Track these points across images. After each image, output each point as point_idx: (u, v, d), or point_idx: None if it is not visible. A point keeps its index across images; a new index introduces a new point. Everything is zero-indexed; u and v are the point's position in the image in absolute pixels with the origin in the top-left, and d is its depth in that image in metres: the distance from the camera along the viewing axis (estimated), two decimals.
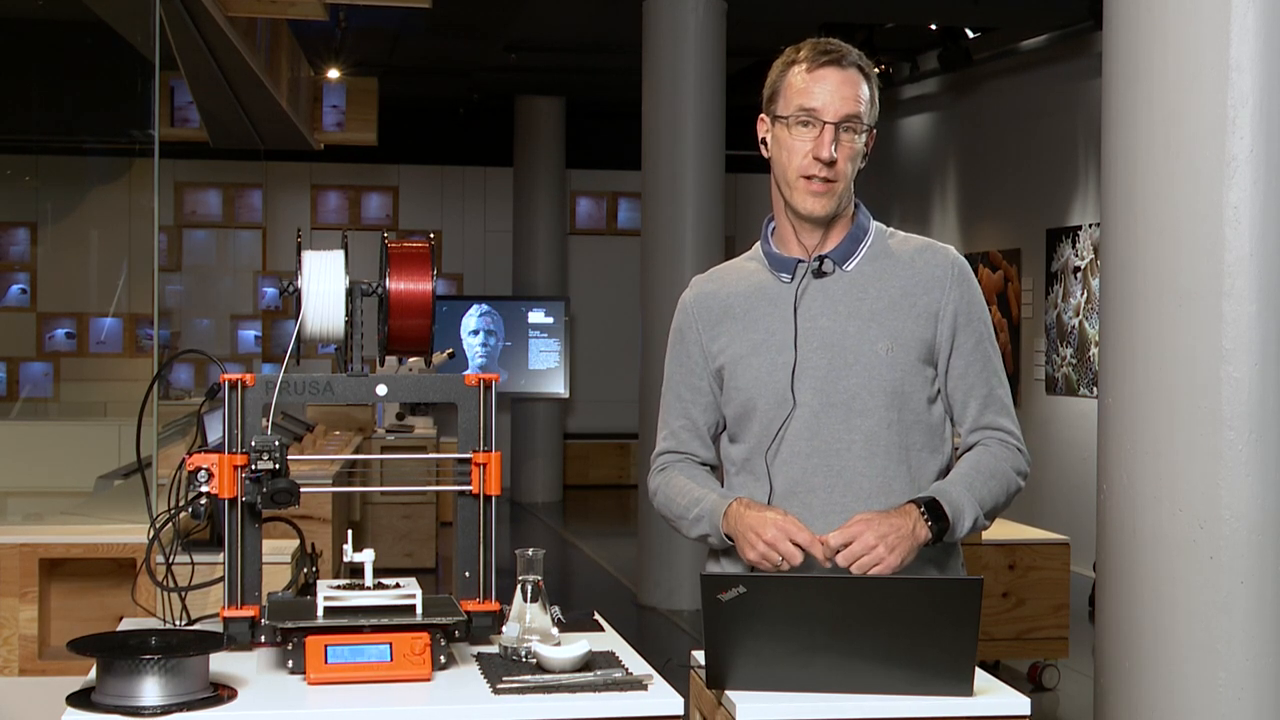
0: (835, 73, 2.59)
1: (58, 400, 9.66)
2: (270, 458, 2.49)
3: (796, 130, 2.59)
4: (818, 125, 2.58)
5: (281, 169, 13.21)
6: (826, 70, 2.59)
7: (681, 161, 8.45)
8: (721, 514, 2.58)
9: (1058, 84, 10.07)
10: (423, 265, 2.65)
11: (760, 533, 2.48)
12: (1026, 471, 2.67)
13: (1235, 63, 3.73)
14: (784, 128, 2.61)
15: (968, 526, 2.56)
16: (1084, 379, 9.53)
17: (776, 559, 2.46)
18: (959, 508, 2.54)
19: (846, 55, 2.61)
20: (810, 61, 2.60)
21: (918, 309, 2.62)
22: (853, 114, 2.59)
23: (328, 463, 6.79)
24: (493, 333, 13.40)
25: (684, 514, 2.66)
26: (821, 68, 2.59)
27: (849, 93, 2.59)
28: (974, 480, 2.59)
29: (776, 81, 2.64)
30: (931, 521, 2.51)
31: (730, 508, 2.57)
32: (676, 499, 2.69)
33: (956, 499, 2.55)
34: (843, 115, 2.58)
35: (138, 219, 7.94)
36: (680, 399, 2.75)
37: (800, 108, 2.59)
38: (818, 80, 2.59)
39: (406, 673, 2.37)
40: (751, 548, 2.49)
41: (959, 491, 2.56)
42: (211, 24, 6.64)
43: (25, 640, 3.85)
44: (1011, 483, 2.64)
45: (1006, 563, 6.31)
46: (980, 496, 2.58)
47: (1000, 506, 2.64)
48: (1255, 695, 3.75)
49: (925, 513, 2.51)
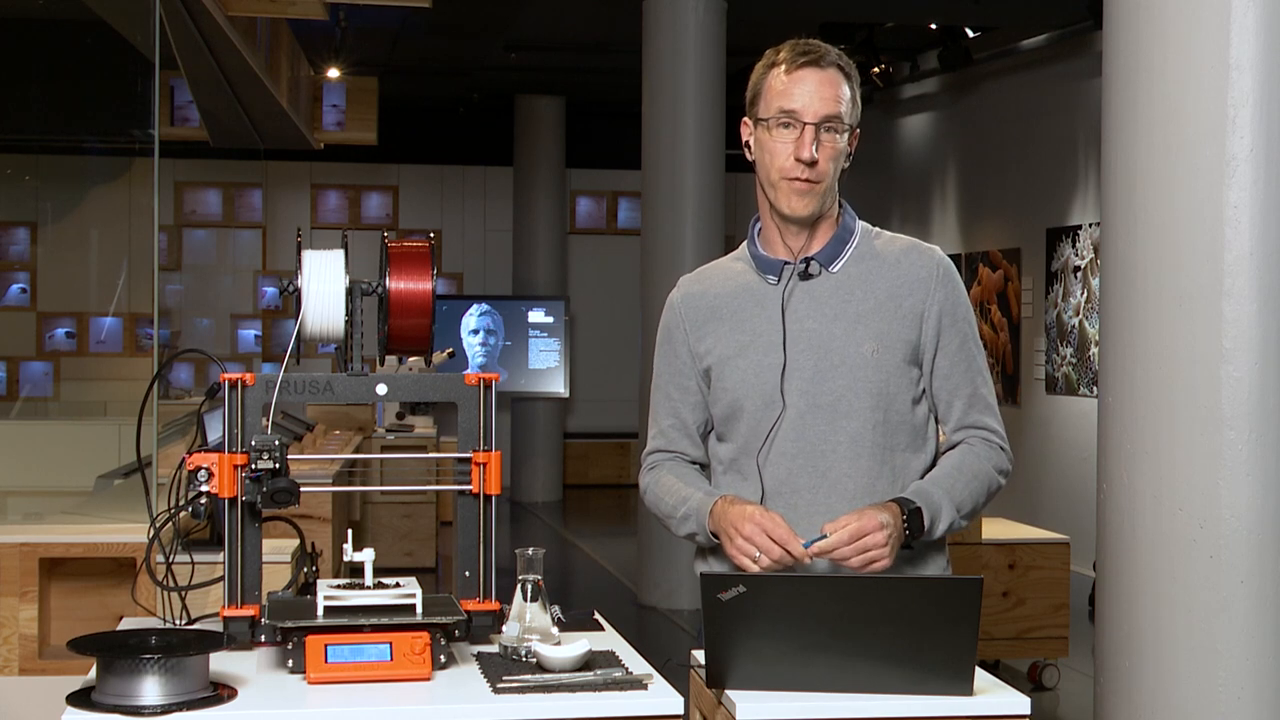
0: (814, 73, 2.60)
1: (58, 399, 9.66)
2: (270, 457, 2.49)
3: (777, 132, 2.61)
4: (798, 126, 2.59)
5: (281, 168, 13.21)
6: (805, 71, 2.60)
7: (681, 161, 8.45)
8: (708, 512, 2.60)
9: (1058, 83, 10.07)
10: (423, 265, 2.65)
11: (739, 528, 2.50)
12: (1008, 469, 2.70)
13: (1235, 62, 3.73)
14: (765, 130, 2.63)
15: (942, 529, 2.59)
16: (1084, 378, 9.53)
17: (754, 552, 2.47)
18: (936, 512, 2.58)
19: (825, 55, 2.63)
20: (789, 63, 2.62)
21: (903, 310, 2.64)
22: (833, 114, 2.60)
23: (328, 462, 6.79)
24: (493, 332, 13.40)
25: (672, 513, 2.68)
26: (800, 69, 2.60)
27: (828, 93, 2.60)
28: (955, 482, 2.62)
29: (757, 84, 2.66)
30: (909, 524, 2.53)
31: (715, 505, 2.59)
32: (665, 498, 2.71)
33: (935, 503, 2.58)
34: (822, 116, 2.59)
35: (138, 218, 7.95)
36: (669, 398, 2.76)
37: (780, 109, 2.60)
38: (797, 82, 2.60)
39: (406, 672, 2.37)
40: (730, 542, 2.51)
41: (939, 494, 2.59)
42: (211, 23, 6.64)
43: (25, 639, 3.85)
44: (992, 482, 2.67)
45: (1006, 562, 6.32)
46: (959, 500, 2.61)
47: (980, 507, 2.68)
48: (1255, 694, 3.75)
49: (905, 517, 2.53)
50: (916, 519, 2.54)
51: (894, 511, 2.52)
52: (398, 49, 11.00)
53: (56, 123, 8.24)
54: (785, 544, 2.46)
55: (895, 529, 2.49)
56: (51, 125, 8.25)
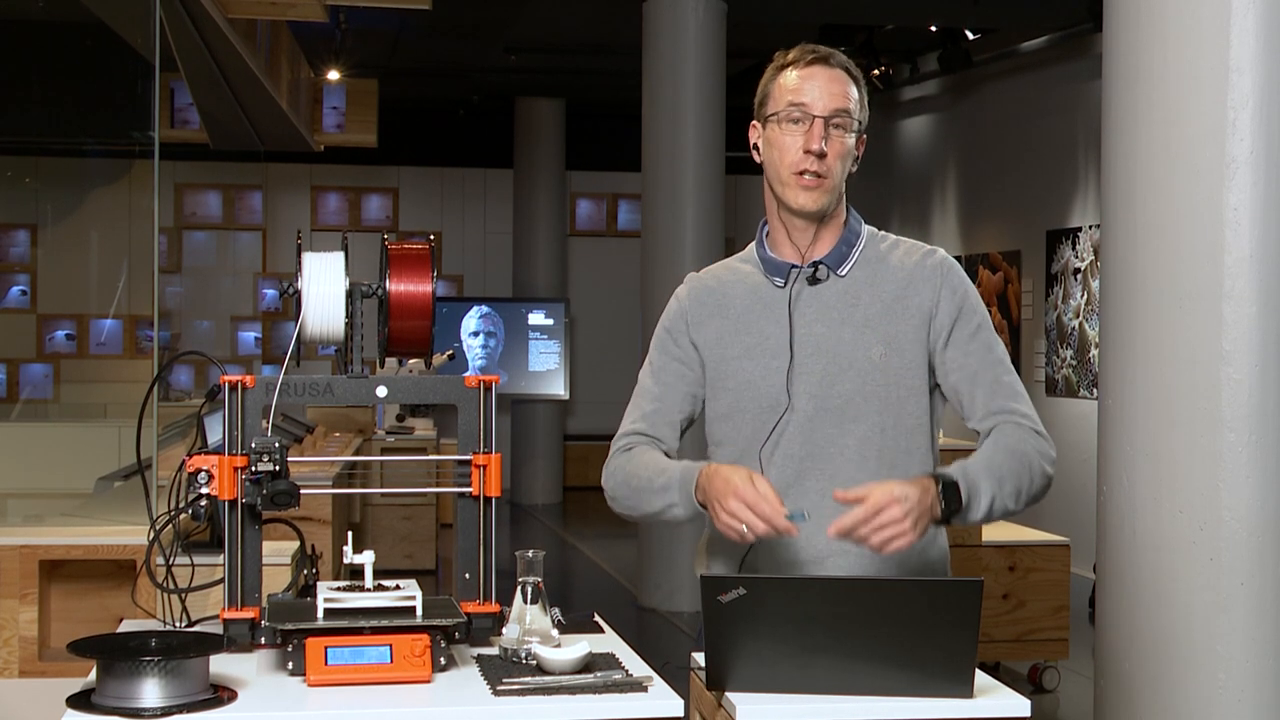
0: (824, 71, 2.64)
1: (58, 401, 9.66)
2: (270, 459, 2.49)
3: (787, 126, 2.63)
4: (808, 120, 2.61)
5: (281, 170, 13.21)
6: (815, 69, 2.64)
7: (681, 163, 8.46)
8: (694, 481, 2.52)
9: (1058, 85, 10.07)
10: (423, 267, 2.65)
11: (723, 503, 2.43)
12: (1052, 456, 2.59)
13: (1235, 64, 3.73)
14: (775, 125, 2.64)
15: (984, 506, 2.49)
16: (1084, 380, 9.53)
17: (741, 528, 2.41)
18: (974, 486, 2.48)
19: (834, 56, 2.67)
20: (799, 62, 2.66)
21: (910, 310, 2.64)
22: (842, 109, 2.62)
23: (328, 464, 6.78)
24: (493, 334, 13.40)
25: (647, 484, 2.60)
26: (810, 66, 2.64)
27: (837, 89, 2.63)
28: (992, 459, 2.53)
29: (767, 85, 2.69)
30: (945, 502, 2.45)
31: (701, 474, 2.52)
32: (640, 472, 2.63)
33: (972, 476, 2.49)
34: (832, 110, 2.61)
35: (138, 220, 7.95)
36: (659, 382, 2.73)
37: (790, 104, 2.62)
38: (807, 78, 2.63)
39: (406, 674, 2.37)
40: (716, 517, 2.45)
41: (975, 469, 2.50)
42: (212, 25, 6.64)
43: (25, 642, 3.84)
44: (1034, 464, 2.56)
45: (1007, 564, 6.32)
46: (999, 474, 2.51)
47: (1026, 490, 2.55)
48: (1255, 697, 3.75)
49: (942, 492, 2.45)
50: (953, 492, 2.45)
51: (924, 485, 2.42)
52: (398, 51, 11.00)
53: (57, 125, 8.25)
54: (770, 520, 2.39)
55: (919, 504, 2.39)
56: (52, 127, 8.26)
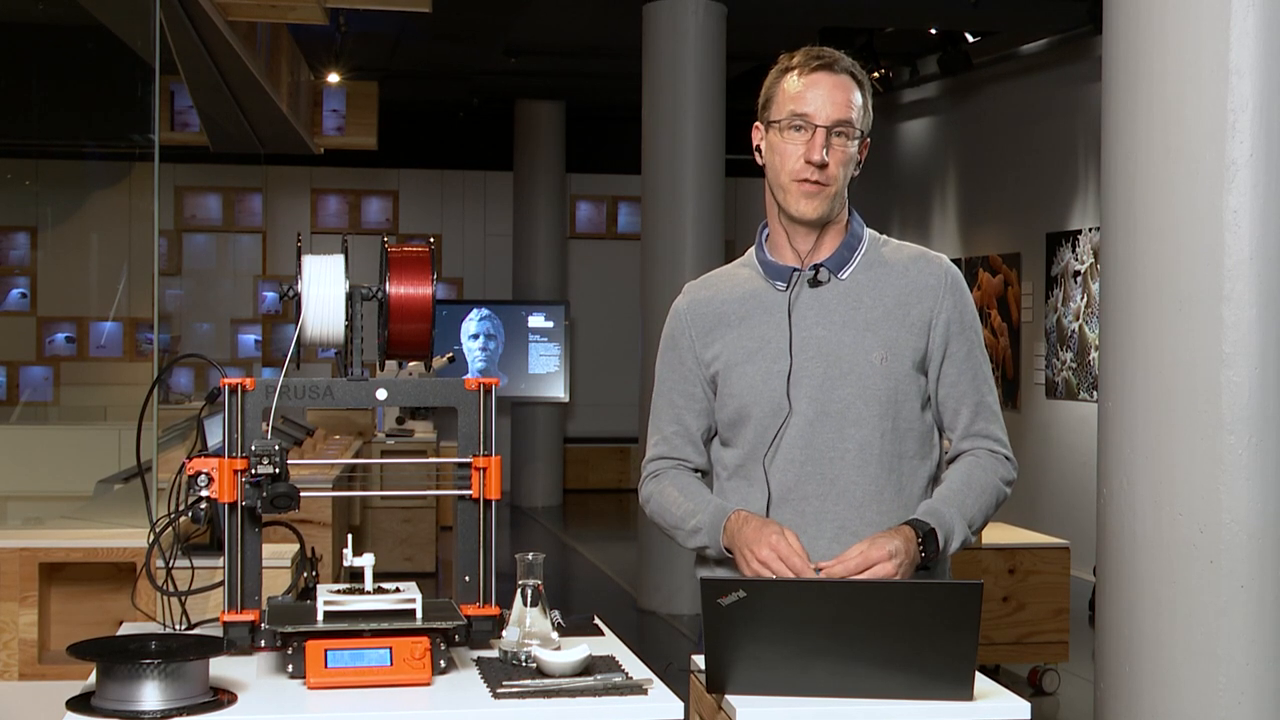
0: (828, 78, 2.63)
1: (58, 404, 9.66)
2: (270, 462, 2.49)
3: (789, 134, 2.63)
4: (809, 129, 2.61)
5: (281, 173, 13.20)
6: (819, 75, 2.63)
7: (681, 166, 8.46)
8: (721, 527, 2.60)
9: (1057, 88, 10.07)
10: (423, 269, 2.65)
11: (755, 550, 2.51)
12: (1013, 479, 2.73)
13: (1235, 67, 3.73)
14: (777, 132, 2.65)
15: (955, 547, 2.62)
16: (1084, 383, 9.53)
17: (770, 576, 2.48)
18: (950, 532, 2.59)
19: (839, 61, 2.65)
20: (803, 67, 2.65)
21: (911, 318, 2.65)
22: (844, 119, 2.61)
23: (328, 467, 6.78)
24: (493, 337, 13.40)
25: (680, 524, 2.69)
26: (814, 73, 2.63)
27: (841, 98, 2.62)
28: (965, 499, 2.63)
29: (770, 88, 2.69)
30: (924, 547, 2.54)
31: (729, 521, 2.59)
32: (671, 509, 2.71)
33: (948, 522, 2.59)
34: (834, 120, 2.61)
35: (138, 223, 7.96)
36: (673, 404, 2.76)
37: (792, 112, 2.62)
38: (810, 86, 2.62)
39: (406, 677, 2.37)
40: (746, 565, 2.53)
41: (950, 513, 2.60)
42: (211, 28, 6.64)
43: (25, 644, 3.84)
44: (1000, 494, 2.70)
45: (1006, 567, 6.31)
46: (970, 516, 2.63)
47: (987, 520, 2.70)
48: (1255, 699, 3.75)
49: (921, 539, 2.54)
50: (932, 541, 2.55)
51: (907, 536, 2.52)
52: (398, 54, 11.00)
53: (57, 127, 8.25)
54: (799, 574, 2.46)
55: (907, 555, 2.50)
56: (52, 130, 8.25)
